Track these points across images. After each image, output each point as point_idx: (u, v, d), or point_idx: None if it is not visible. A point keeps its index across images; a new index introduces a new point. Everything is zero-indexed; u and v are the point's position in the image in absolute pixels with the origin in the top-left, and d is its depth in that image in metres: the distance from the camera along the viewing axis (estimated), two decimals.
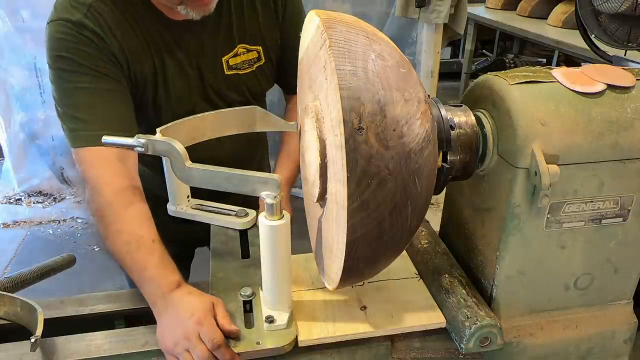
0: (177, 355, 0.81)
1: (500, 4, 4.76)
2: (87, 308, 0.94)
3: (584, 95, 0.79)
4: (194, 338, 0.80)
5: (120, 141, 0.94)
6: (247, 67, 1.19)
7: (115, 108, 1.05)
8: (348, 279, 0.77)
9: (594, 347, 0.92)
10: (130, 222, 0.96)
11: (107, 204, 0.98)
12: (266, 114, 1.13)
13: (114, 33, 1.03)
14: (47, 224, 3.19)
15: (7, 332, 0.88)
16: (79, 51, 1.00)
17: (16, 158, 3.35)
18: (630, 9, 1.82)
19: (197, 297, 0.87)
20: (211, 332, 0.80)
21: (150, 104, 1.14)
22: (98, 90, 1.03)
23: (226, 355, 0.79)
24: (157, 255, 0.92)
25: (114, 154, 1.01)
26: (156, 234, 0.96)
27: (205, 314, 0.83)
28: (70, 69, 1.01)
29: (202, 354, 0.79)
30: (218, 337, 0.80)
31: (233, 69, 1.18)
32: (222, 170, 0.82)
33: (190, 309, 0.84)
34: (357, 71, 0.64)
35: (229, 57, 1.17)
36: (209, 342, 0.80)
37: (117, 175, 1.01)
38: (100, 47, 1.02)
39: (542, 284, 0.87)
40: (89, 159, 1.02)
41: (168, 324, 0.85)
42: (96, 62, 1.02)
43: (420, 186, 0.68)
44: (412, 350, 0.86)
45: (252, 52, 1.19)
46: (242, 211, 1.11)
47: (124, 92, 1.07)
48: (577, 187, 0.79)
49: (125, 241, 0.94)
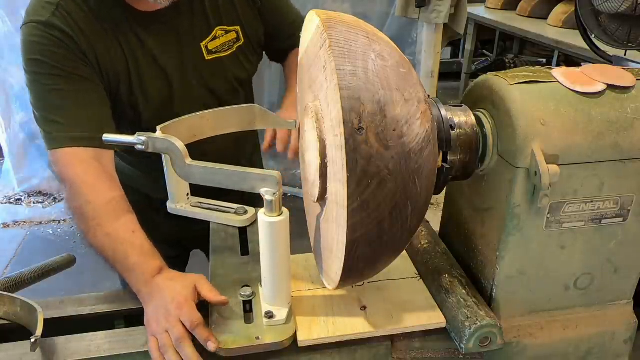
0: (157, 335, 0.84)
1: (500, 4, 4.76)
2: (87, 308, 0.94)
3: (584, 95, 0.79)
4: (173, 320, 0.84)
5: (121, 139, 0.94)
6: (227, 49, 1.18)
7: (89, 109, 1.04)
8: (348, 279, 0.77)
9: (594, 347, 0.92)
10: (109, 215, 0.98)
11: (86, 202, 0.99)
12: (265, 112, 1.13)
13: (82, 31, 1.02)
14: (47, 224, 3.19)
15: (7, 332, 0.88)
16: (51, 53, 1.00)
17: (16, 158, 3.35)
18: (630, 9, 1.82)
19: (178, 281, 0.90)
20: (190, 315, 0.84)
21: (126, 102, 1.12)
22: (71, 92, 1.03)
23: (203, 334, 0.82)
24: (137, 244, 0.95)
25: (90, 154, 1.03)
26: (137, 224, 0.98)
27: (186, 298, 0.86)
28: (43, 72, 1.01)
29: (178, 333, 0.82)
30: (197, 318, 0.84)
31: (213, 53, 1.16)
32: (222, 168, 0.82)
33: (172, 294, 0.87)
34: (357, 71, 0.64)
35: (208, 42, 1.15)
36: (188, 323, 0.83)
37: (94, 174, 1.02)
38: (71, 47, 1.01)
39: (542, 284, 0.87)
40: (64, 160, 1.03)
41: (153, 310, 0.88)
42: (68, 63, 1.01)
43: (420, 186, 0.68)
44: (412, 350, 0.86)
45: (230, 33, 1.18)
46: (241, 209, 1.11)
47: (98, 91, 1.06)
48: (577, 187, 0.79)
49: (106, 233, 0.96)
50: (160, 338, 0.84)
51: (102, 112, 1.07)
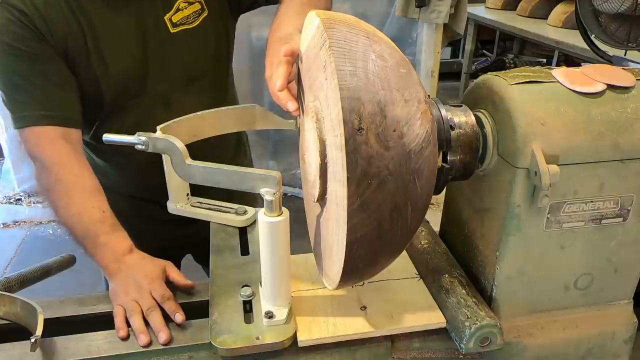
0: (125, 304, 0.88)
1: (500, 4, 4.76)
2: (87, 308, 0.94)
3: (584, 95, 0.79)
4: (144, 292, 0.89)
5: (120, 139, 0.94)
6: (192, 21, 1.15)
7: (54, 88, 1.05)
8: (348, 279, 0.77)
9: (593, 347, 0.92)
10: (80, 194, 1.01)
11: (56, 180, 1.02)
12: (265, 112, 1.13)
13: (37, 8, 1.01)
14: (47, 224, 3.19)
15: (7, 332, 0.88)
16: (10, 33, 1.01)
17: (16, 158, 3.35)
18: (630, 9, 1.82)
19: (149, 261, 0.96)
20: (161, 289, 0.89)
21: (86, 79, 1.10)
22: (35, 72, 1.04)
23: (172, 306, 0.87)
24: (108, 223, 0.98)
25: (58, 133, 1.04)
26: (106, 204, 1.01)
27: (158, 275, 0.92)
28: (6, 51, 1.02)
29: (150, 303, 0.87)
30: (166, 292, 0.89)
31: (178, 26, 1.14)
32: (222, 168, 0.83)
33: (144, 270, 0.92)
34: (358, 72, 0.64)
35: (171, 15, 1.12)
36: (158, 296, 0.88)
37: (64, 153, 1.04)
38: (25, 23, 1.01)
39: (542, 284, 0.87)
40: (33, 139, 1.05)
41: (122, 282, 0.92)
42: (29, 44, 1.02)
43: (420, 186, 0.68)
44: (412, 350, 0.87)
45: (194, 5, 1.15)
46: (241, 209, 1.11)
47: (62, 71, 1.07)
48: (577, 187, 0.79)
49: (77, 212, 0.99)
50: (128, 306, 0.87)
51: (67, 92, 1.08)
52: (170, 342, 0.83)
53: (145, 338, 0.83)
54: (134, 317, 0.86)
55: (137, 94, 1.13)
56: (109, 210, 1.00)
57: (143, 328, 0.85)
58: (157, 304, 0.87)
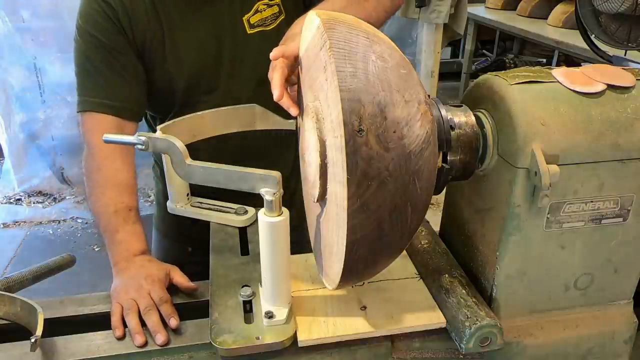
0: (123, 302, 0.90)
1: (500, 4, 4.76)
2: (87, 308, 0.94)
3: (584, 95, 0.79)
4: (144, 292, 0.91)
5: (120, 139, 0.94)
6: (270, 23, 1.16)
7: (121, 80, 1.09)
8: (348, 280, 0.77)
9: (594, 347, 0.92)
10: (114, 188, 1.05)
11: (97, 168, 1.07)
12: (265, 112, 1.13)
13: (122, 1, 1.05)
14: (47, 224, 3.19)
15: (7, 332, 0.88)
16: (93, 22, 1.06)
17: (16, 158, 3.35)
18: (630, 9, 1.82)
19: (155, 264, 0.98)
20: (160, 292, 0.91)
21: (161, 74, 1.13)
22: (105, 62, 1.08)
23: (168, 310, 0.88)
24: (130, 223, 1.02)
25: (113, 124, 1.08)
26: (136, 203, 1.06)
27: (160, 278, 0.94)
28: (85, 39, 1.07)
29: (147, 302, 0.89)
30: (166, 295, 0.91)
31: (255, 27, 1.14)
32: (221, 168, 0.83)
33: (148, 272, 0.95)
34: (358, 72, 0.64)
35: (250, 16, 1.13)
36: (156, 298, 0.90)
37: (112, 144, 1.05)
38: (109, 15, 1.05)
39: (542, 284, 0.87)
40: (88, 124, 1.10)
41: (124, 281, 0.94)
42: (106, 35, 1.06)
43: (420, 187, 0.68)
44: (412, 350, 0.87)
45: (272, 7, 1.16)
46: (241, 209, 1.11)
47: (133, 66, 1.10)
48: (577, 187, 0.79)
49: (106, 203, 1.03)
50: (126, 304, 0.89)
51: (133, 86, 1.11)
52: (167, 343, 0.83)
53: (140, 338, 0.84)
54: (129, 315, 0.87)
55: (209, 90, 1.15)
56: (136, 209, 1.04)
57: (138, 328, 0.85)
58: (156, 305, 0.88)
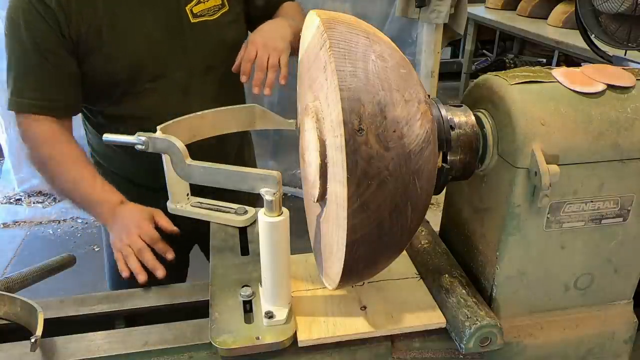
0: (121, 250, 1.02)
1: (500, 4, 4.76)
2: (87, 308, 0.94)
3: (584, 95, 0.79)
4: (134, 236, 1.02)
5: (121, 139, 0.95)
6: (212, 14, 1.20)
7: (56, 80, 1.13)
8: (348, 279, 0.77)
9: (593, 347, 0.92)
10: (71, 165, 1.13)
11: (49, 157, 1.14)
12: (265, 111, 1.13)
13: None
14: (47, 224, 3.19)
15: (7, 332, 0.88)
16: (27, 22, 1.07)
17: (16, 158, 3.34)
18: (630, 9, 1.82)
19: (138, 209, 1.09)
20: (149, 231, 1.03)
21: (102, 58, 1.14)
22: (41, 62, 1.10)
23: (162, 247, 1.02)
24: (99, 184, 1.12)
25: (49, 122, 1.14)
26: (94, 170, 1.15)
27: (145, 219, 1.05)
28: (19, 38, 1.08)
29: (140, 245, 1.01)
30: (154, 235, 1.03)
31: (198, 17, 1.18)
32: (221, 168, 0.83)
33: (133, 217, 1.06)
34: (358, 72, 0.64)
35: (193, 5, 1.17)
36: (147, 239, 1.02)
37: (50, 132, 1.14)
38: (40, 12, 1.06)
39: (542, 284, 0.87)
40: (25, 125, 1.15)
41: (117, 231, 1.05)
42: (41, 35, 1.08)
43: (420, 187, 0.68)
44: (412, 350, 0.87)
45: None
46: (241, 209, 1.11)
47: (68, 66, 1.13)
48: (577, 187, 0.79)
49: (71, 179, 1.12)
50: (124, 251, 1.01)
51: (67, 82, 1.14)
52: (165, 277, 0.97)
53: (143, 277, 0.97)
54: (129, 259, 0.99)
55: (154, 77, 1.18)
56: (98, 174, 1.14)
57: (140, 268, 0.99)
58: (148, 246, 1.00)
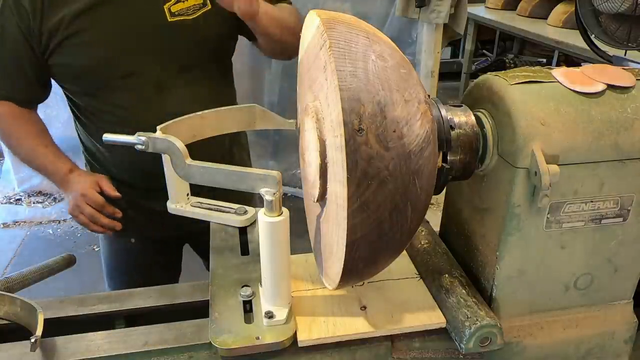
0: (76, 218, 1.21)
1: (500, 4, 4.76)
2: (87, 308, 0.94)
3: (584, 95, 0.79)
4: (81, 204, 1.19)
5: (121, 139, 0.95)
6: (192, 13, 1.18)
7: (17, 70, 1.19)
8: (348, 280, 0.77)
9: (594, 347, 0.92)
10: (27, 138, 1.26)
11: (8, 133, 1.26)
12: (265, 112, 1.13)
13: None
14: (47, 224, 3.19)
15: (7, 332, 0.88)
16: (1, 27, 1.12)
17: (16, 158, 3.34)
18: (630, 9, 1.82)
19: (84, 177, 1.23)
20: (93, 197, 1.18)
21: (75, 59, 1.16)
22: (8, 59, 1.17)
23: (109, 209, 1.20)
24: (51, 153, 1.26)
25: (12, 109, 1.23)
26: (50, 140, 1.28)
27: (89, 186, 1.20)
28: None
29: (90, 211, 1.19)
30: (98, 199, 1.19)
31: (176, 16, 1.17)
32: (221, 168, 0.83)
33: (78, 185, 1.21)
34: (358, 72, 0.64)
35: (171, 4, 1.16)
36: (93, 204, 1.18)
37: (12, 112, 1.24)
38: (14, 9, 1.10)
39: (542, 284, 0.87)
40: None
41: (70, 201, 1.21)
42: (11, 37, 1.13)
43: (420, 187, 0.68)
44: (412, 350, 0.87)
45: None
46: (241, 209, 1.11)
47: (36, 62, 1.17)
48: (577, 187, 0.79)
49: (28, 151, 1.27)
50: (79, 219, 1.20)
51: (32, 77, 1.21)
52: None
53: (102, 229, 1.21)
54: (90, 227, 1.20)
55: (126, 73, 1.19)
56: (52, 145, 1.27)
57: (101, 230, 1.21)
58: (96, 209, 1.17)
